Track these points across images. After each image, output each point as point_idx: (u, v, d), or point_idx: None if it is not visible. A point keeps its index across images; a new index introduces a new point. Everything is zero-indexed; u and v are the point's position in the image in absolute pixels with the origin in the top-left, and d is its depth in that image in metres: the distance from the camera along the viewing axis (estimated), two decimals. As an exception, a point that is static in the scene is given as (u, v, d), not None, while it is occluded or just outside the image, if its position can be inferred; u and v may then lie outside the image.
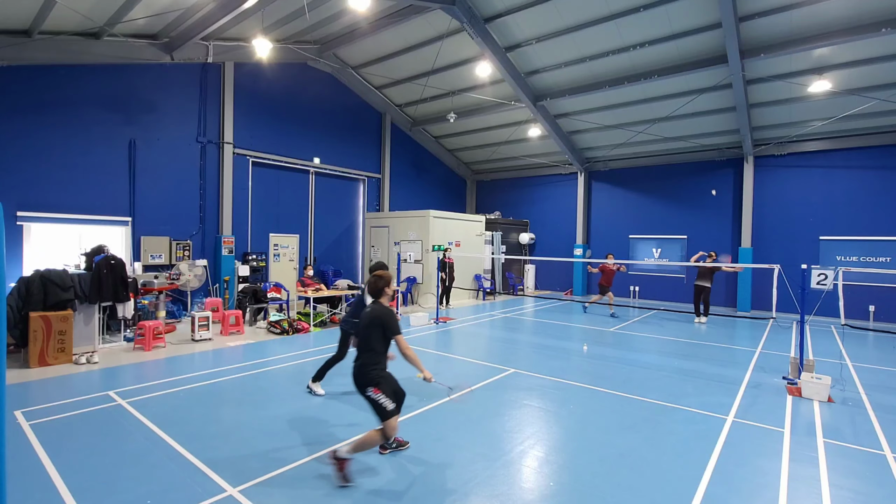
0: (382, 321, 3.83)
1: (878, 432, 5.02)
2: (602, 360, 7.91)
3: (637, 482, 3.86)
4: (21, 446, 4.27)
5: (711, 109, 13.16)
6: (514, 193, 20.10)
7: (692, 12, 10.29)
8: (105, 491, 3.57)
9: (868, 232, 12.60)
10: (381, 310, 3.91)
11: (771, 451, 4.51)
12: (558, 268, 18.47)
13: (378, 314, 3.88)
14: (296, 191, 14.41)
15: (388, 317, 3.86)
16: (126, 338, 8.53)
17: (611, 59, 12.19)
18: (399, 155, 17.66)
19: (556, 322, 11.81)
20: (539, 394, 6.09)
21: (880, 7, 9.08)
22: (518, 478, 3.92)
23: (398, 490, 3.67)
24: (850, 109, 11.54)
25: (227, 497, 3.51)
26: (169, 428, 4.73)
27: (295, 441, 4.52)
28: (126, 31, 10.16)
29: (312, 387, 5.92)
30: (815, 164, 13.42)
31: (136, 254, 10.71)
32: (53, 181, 9.60)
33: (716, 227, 15.01)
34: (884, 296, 12.35)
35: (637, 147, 15.98)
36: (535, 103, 14.17)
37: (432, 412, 5.35)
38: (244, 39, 12.03)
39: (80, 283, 7.70)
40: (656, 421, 5.21)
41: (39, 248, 9.51)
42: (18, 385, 6.07)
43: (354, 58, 14.74)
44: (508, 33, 12.20)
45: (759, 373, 7.28)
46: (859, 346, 9.64)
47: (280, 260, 13.91)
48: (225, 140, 12.21)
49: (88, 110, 10.08)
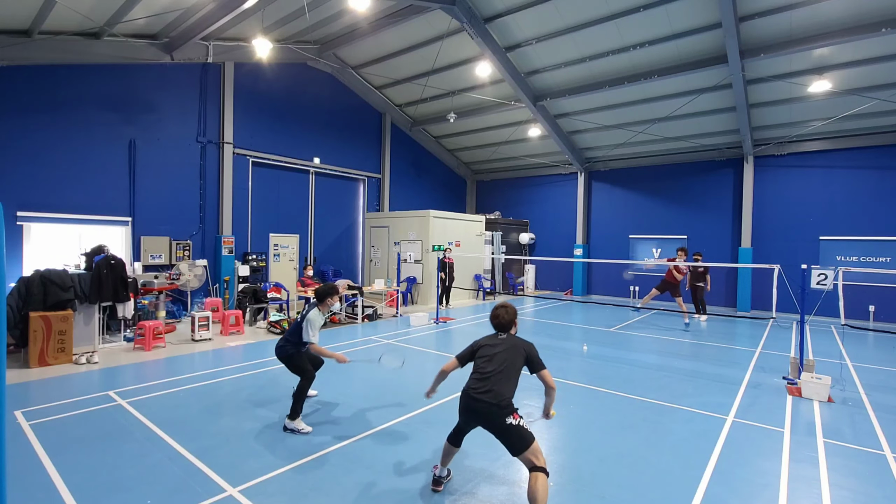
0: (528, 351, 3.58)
1: (878, 432, 5.02)
2: (602, 360, 7.90)
3: (637, 482, 3.86)
4: (21, 446, 4.27)
5: (711, 109, 13.15)
6: (514, 193, 20.10)
7: (692, 12, 10.28)
8: (105, 491, 3.57)
9: (868, 232, 12.59)
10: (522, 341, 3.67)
11: (771, 451, 4.51)
12: (558, 268, 18.47)
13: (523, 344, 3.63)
14: (296, 191, 14.41)
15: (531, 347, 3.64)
16: (126, 338, 8.53)
17: (611, 59, 12.19)
18: (399, 155, 17.66)
19: (556, 322, 11.81)
20: (539, 394, 6.06)
21: (880, 7, 9.08)
22: (518, 478, 3.91)
23: (398, 490, 3.67)
24: (850, 109, 11.54)
25: (227, 497, 3.51)
26: (169, 428, 4.73)
27: (295, 441, 4.52)
28: (126, 31, 10.16)
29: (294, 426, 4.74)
30: (815, 164, 13.42)
31: (136, 254, 10.71)
32: (53, 181, 9.61)
33: (716, 227, 15.01)
34: (884, 296, 12.35)
35: (637, 147, 15.97)
36: (535, 103, 14.17)
37: (432, 412, 5.35)
38: (244, 39, 12.03)
39: (80, 283, 7.71)
40: (656, 421, 5.21)
41: (39, 248, 9.51)
42: (18, 385, 6.07)
43: (354, 58, 14.74)
44: (508, 33, 12.20)
45: (759, 373, 7.28)
46: (859, 346, 9.64)
47: (280, 260, 13.91)
48: (225, 140, 12.21)
49: (88, 110, 10.08)
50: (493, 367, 3.43)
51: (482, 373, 3.44)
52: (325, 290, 5.04)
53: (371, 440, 4.57)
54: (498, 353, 3.51)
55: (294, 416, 4.75)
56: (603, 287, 17.34)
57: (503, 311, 3.75)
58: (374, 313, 11.52)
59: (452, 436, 3.66)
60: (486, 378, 3.39)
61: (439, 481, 3.69)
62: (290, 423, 4.75)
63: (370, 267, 16.37)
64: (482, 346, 3.62)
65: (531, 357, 3.55)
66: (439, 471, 3.72)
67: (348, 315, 11.38)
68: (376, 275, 15.67)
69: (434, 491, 3.65)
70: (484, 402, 3.30)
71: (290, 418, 4.76)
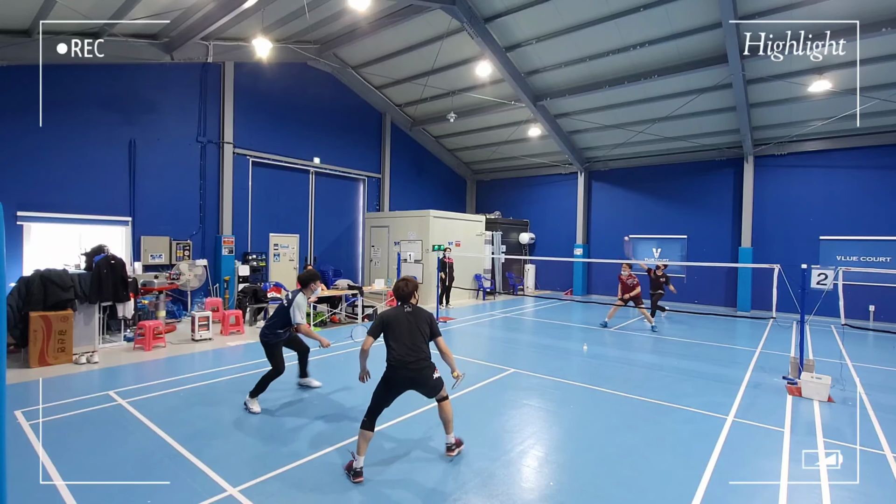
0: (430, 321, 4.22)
1: (878, 432, 5.02)
2: (602, 360, 7.90)
3: (637, 482, 3.86)
4: (21, 446, 4.27)
5: (711, 109, 13.15)
6: (514, 193, 20.09)
7: (692, 12, 10.28)
8: (105, 491, 3.57)
9: (868, 232, 12.59)
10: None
11: (771, 451, 4.51)
12: (558, 268, 18.46)
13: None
14: (296, 191, 14.41)
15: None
16: (126, 338, 8.53)
17: (611, 58, 12.18)
18: (399, 155, 17.65)
19: (556, 322, 11.81)
20: (539, 394, 6.09)
21: (880, 7, 9.08)
22: (518, 477, 3.92)
23: (398, 490, 3.67)
24: (850, 109, 11.53)
25: (227, 497, 3.51)
26: (169, 428, 4.73)
27: (295, 441, 4.52)
28: (126, 31, 10.16)
29: (248, 403, 5.24)
30: (815, 164, 13.41)
31: (136, 254, 10.71)
32: (53, 181, 9.60)
33: (716, 226, 15.01)
34: (884, 296, 12.34)
35: (637, 147, 15.97)
36: (535, 103, 14.16)
37: (432, 412, 5.35)
38: (244, 39, 12.03)
39: (80, 283, 7.70)
40: (656, 421, 5.21)
41: (39, 248, 9.51)
42: (18, 385, 6.07)
43: (354, 58, 14.74)
44: (508, 33, 12.20)
45: (759, 372, 7.28)
46: (859, 346, 9.65)
47: (280, 260, 13.91)
48: (225, 140, 12.21)
49: (88, 110, 10.08)
50: (411, 335, 3.98)
51: (406, 342, 3.96)
52: (308, 276, 5.47)
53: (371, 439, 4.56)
54: (410, 322, 4.04)
55: (253, 394, 5.24)
56: (603, 287, 17.33)
57: (403, 284, 4.22)
58: (375, 313, 11.52)
59: (367, 421, 3.90)
60: (413, 346, 3.95)
61: (360, 473, 3.77)
62: (248, 399, 5.26)
63: (370, 267, 16.37)
64: (392, 317, 4.05)
65: (433, 325, 4.16)
66: (357, 462, 3.79)
67: (348, 315, 11.38)
68: (376, 275, 15.67)
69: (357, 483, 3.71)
70: (416, 364, 3.93)
71: (250, 395, 5.26)
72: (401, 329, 3.97)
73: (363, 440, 3.84)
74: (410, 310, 4.11)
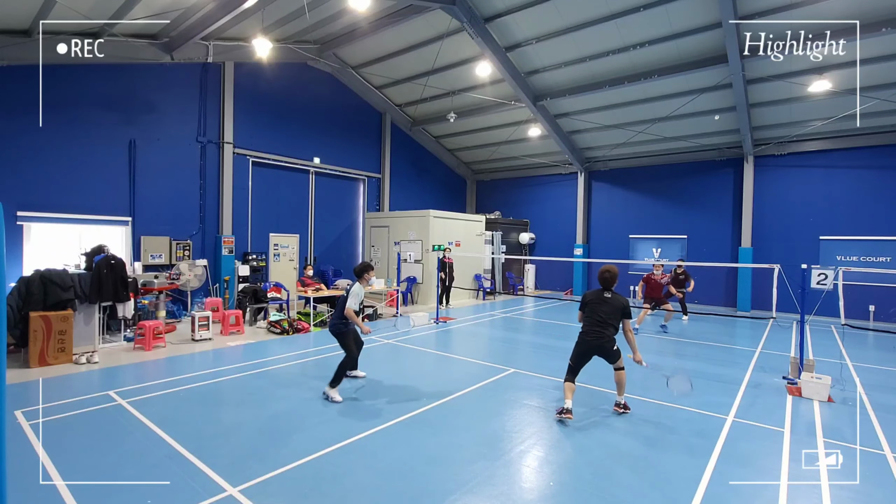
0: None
1: (878, 432, 5.02)
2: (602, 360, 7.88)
3: (637, 482, 3.86)
4: (21, 446, 4.27)
5: (711, 109, 13.15)
6: (514, 193, 20.09)
7: (692, 12, 10.28)
8: (105, 491, 3.57)
9: (868, 232, 12.59)
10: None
11: (771, 451, 4.51)
12: (558, 268, 18.47)
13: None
14: (296, 191, 14.41)
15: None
16: (126, 338, 8.53)
17: (611, 58, 12.18)
18: (399, 155, 17.65)
19: (556, 322, 11.81)
20: (539, 394, 6.09)
21: (880, 7, 9.08)
22: (518, 478, 3.92)
23: (398, 490, 3.67)
24: (850, 109, 11.53)
25: (227, 497, 3.51)
26: (169, 428, 4.73)
27: (295, 441, 4.51)
28: (126, 31, 10.15)
29: (329, 393, 5.58)
30: (815, 164, 13.41)
31: (136, 254, 10.71)
32: (53, 181, 9.60)
33: (716, 226, 15.01)
34: (884, 296, 12.34)
35: (637, 147, 15.97)
36: (535, 103, 14.16)
37: (432, 412, 5.35)
38: (244, 39, 12.03)
39: (80, 282, 7.70)
40: (656, 421, 5.21)
41: (39, 248, 9.51)
42: (18, 385, 6.07)
43: (354, 58, 14.74)
44: (508, 33, 12.20)
45: (759, 373, 7.28)
46: (859, 346, 9.65)
47: (280, 260, 13.91)
48: (225, 140, 12.21)
49: (88, 110, 10.08)
50: (604, 315, 5.26)
51: (596, 318, 5.27)
52: (361, 268, 6.01)
53: (371, 439, 4.56)
54: (607, 304, 5.32)
55: (333, 384, 5.58)
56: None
57: (608, 274, 5.40)
58: (375, 313, 11.52)
59: (569, 377, 5.28)
60: (603, 323, 5.23)
61: (569, 411, 5.04)
62: (328, 390, 5.60)
63: (370, 267, 16.33)
64: (591, 300, 5.41)
65: (625, 309, 5.33)
66: (566, 404, 5.07)
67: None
68: (376, 275, 15.63)
69: (567, 418, 5.00)
70: (599, 336, 5.26)
71: (329, 386, 5.60)
72: (598, 308, 5.23)
73: (568, 390, 5.12)
74: (609, 296, 5.26)
